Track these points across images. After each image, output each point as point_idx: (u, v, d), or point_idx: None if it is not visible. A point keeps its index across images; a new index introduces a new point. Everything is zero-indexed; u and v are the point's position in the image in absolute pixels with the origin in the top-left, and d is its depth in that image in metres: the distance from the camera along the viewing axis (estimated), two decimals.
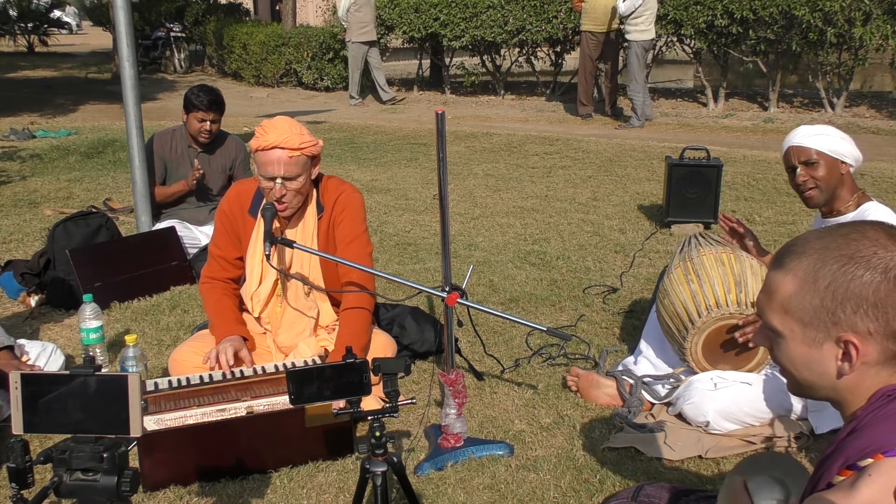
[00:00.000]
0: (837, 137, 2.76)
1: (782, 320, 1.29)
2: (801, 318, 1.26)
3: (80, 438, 1.45)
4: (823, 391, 1.30)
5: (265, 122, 2.81)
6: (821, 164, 2.76)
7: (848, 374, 1.25)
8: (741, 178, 6.56)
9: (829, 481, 1.21)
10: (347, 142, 8.86)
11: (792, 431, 2.70)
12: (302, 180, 2.79)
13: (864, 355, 1.23)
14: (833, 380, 1.27)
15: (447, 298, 2.57)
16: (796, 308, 1.26)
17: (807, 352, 1.28)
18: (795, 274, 1.27)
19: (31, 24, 22.03)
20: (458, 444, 2.62)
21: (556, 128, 9.86)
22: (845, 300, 1.22)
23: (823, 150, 2.74)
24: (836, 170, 2.75)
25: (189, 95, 4.49)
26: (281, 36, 14.38)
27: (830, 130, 2.79)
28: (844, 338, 1.23)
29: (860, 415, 1.25)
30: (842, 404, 1.30)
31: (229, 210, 2.98)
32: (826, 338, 1.25)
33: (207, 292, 3.01)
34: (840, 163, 2.75)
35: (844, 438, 1.24)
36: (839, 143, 2.75)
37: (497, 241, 5.06)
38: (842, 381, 1.26)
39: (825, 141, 2.75)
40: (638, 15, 9.19)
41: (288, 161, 2.73)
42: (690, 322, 2.73)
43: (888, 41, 9.30)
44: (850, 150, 2.76)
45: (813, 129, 2.80)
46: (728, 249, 2.87)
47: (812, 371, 1.28)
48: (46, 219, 5.51)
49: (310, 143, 2.77)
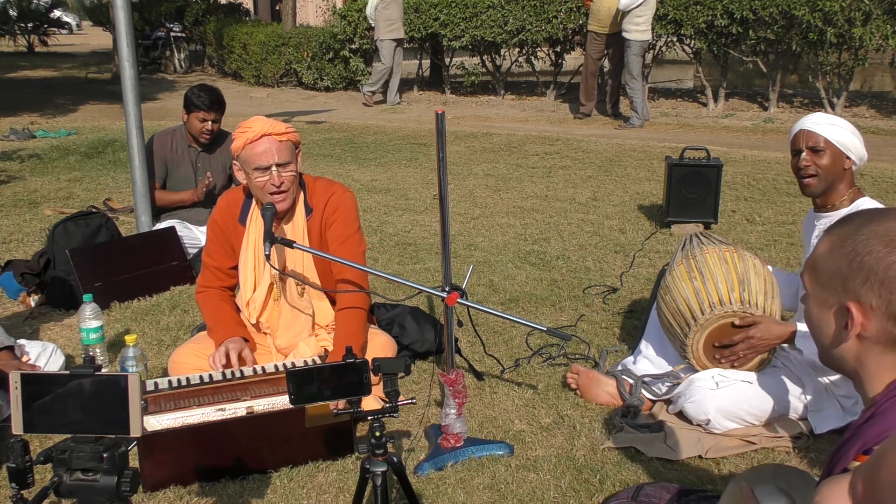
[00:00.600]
0: (849, 132, 2.75)
1: (810, 279, 1.36)
2: (821, 278, 1.32)
3: (80, 438, 1.45)
4: (837, 361, 1.34)
5: (242, 123, 2.84)
6: (826, 153, 2.74)
7: (846, 342, 1.29)
8: (741, 178, 6.56)
9: (846, 466, 1.22)
10: (347, 142, 8.86)
11: (792, 431, 2.70)
12: (293, 168, 2.82)
13: (863, 328, 1.27)
14: (837, 347, 1.32)
15: (447, 298, 2.57)
16: (821, 269, 1.33)
17: (819, 313, 1.34)
18: (831, 237, 1.33)
19: (31, 23, 22.03)
20: (458, 444, 2.62)
21: (556, 128, 9.86)
22: (858, 270, 1.26)
23: (832, 139, 2.73)
24: (839, 162, 2.74)
25: (190, 95, 4.49)
26: (281, 36, 14.38)
27: (844, 123, 2.77)
28: (847, 304, 1.27)
29: (879, 400, 1.27)
30: (858, 383, 1.33)
31: (221, 220, 2.98)
32: (834, 302, 1.30)
33: (204, 300, 3.01)
34: (845, 157, 2.74)
35: (862, 424, 1.26)
36: (849, 138, 2.73)
37: (497, 241, 5.06)
38: (844, 349, 1.30)
39: (836, 132, 2.74)
40: (639, 14, 9.19)
41: (279, 146, 2.77)
42: (693, 319, 2.73)
43: (888, 41, 9.30)
44: (858, 147, 2.75)
45: (828, 118, 2.79)
46: (731, 248, 2.87)
47: (822, 334, 1.34)
48: (46, 219, 5.51)
49: (291, 129, 2.85)
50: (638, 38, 9.33)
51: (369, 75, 12.71)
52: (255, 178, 2.79)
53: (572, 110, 10.93)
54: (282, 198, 2.80)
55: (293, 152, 2.83)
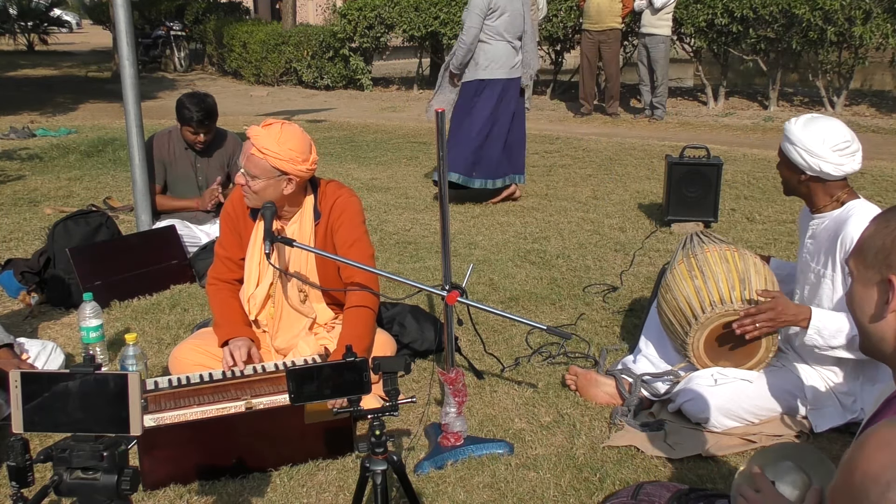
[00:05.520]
0: (798, 149, 2.59)
1: (855, 260, 1.37)
2: (866, 257, 1.35)
3: (80, 437, 1.45)
4: (876, 341, 1.35)
5: (266, 120, 2.83)
6: (783, 164, 2.71)
7: (885, 316, 1.31)
8: (741, 177, 6.56)
9: None
10: (347, 140, 8.86)
11: (791, 430, 2.70)
12: (260, 184, 2.74)
13: None
14: (877, 321, 1.33)
15: (447, 297, 2.57)
16: (866, 248, 1.35)
17: (862, 291, 1.36)
18: (877, 220, 1.36)
19: (31, 22, 22.03)
20: (458, 442, 2.62)
21: (556, 126, 9.87)
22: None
23: (785, 153, 2.67)
24: (795, 175, 2.67)
25: (180, 108, 4.41)
26: (281, 35, 14.39)
27: (803, 137, 2.59)
28: (890, 277, 1.29)
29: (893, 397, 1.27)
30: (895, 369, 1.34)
31: (233, 212, 2.98)
32: (877, 277, 1.32)
33: (214, 294, 3.00)
34: (800, 172, 2.64)
35: (894, 398, 1.28)
36: (796, 155, 2.61)
37: (497, 240, 5.06)
38: (884, 325, 1.32)
39: (788, 148, 2.64)
40: (668, 11, 9.50)
41: (251, 157, 2.73)
42: (694, 317, 2.73)
43: (888, 40, 9.30)
44: (810, 162, 2.58)
45: (793, 129, 2.63)
46: (732, 247, 2.87)
47: (863, 312, 1.36)
48: (46, 217, 5.51)
49: (278, 155, 2.70)
50: (666, 33, 9.61)
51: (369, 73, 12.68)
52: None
53: (572, 109, 10.94)
54: (245, 195, 2.81)
55: (267, 172, 2.72)
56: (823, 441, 2.67)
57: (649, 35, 9.61)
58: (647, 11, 9.51)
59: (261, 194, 2.76)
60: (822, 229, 2.68)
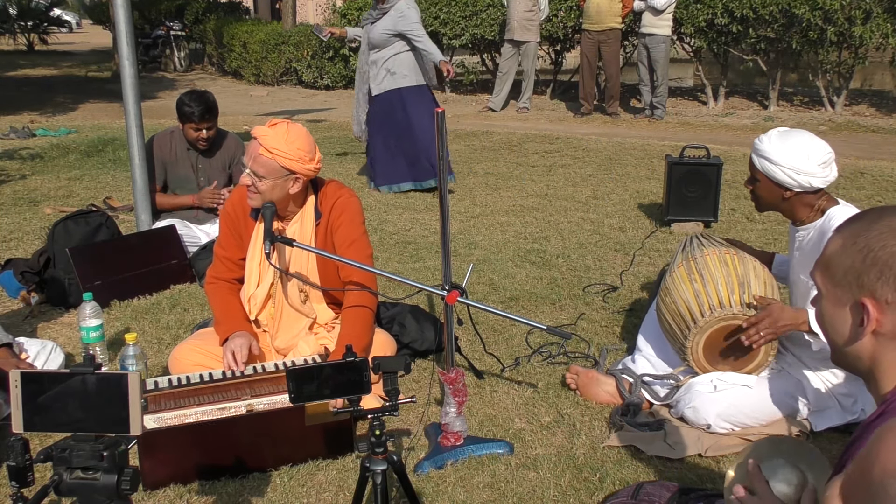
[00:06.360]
0: (786, 167, 2.56)
1: (822, 277, 1.34)
2: (834, 276, 1.31)
3: (80, 437, 1.45)
4: (852, 360, 1.32)
5: (271, 119, 2.82)
6: (760, 185, 2.68)
7: (860, 339, 1.28)
8: (741, 177, 6.55)
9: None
10: (347, 140, 8.85)
11: (792, 429, 2.70)
12: (267, 184, 2.75)
13: (879, 324, 1.25)
14: (852, 345, 1.30)
15: (447, 297, 2.57)
16: (834, 266, 1.31)
17: (833, 311, 1.32)
18: (843, 235, 1.31)
19: (31, 22, 22.02)
20: (458, 442, 2.62)
21: (556, 126, 9.86)
22: (872, 265, 1.25)
23: (765, 173, 2.63)
24: (776, 193, 2.64)
25: (180, 106, 4.40)
26: (281, 34, 14.38)
27: (785, 156, 2.56)
28: (862, 300, 1.26)
29: (890, 398, 1.26)
30: (872, 382, 1.31)
31: (233, 212, 2.98)
32: (849, 299, 1.29)
33: (213, 292, 3.00)
34: (783, 189, 2.61)
35: (873, 421, 1.26)
36: (782, 175, 2.58)
37: (497, 240, 5.06)
38: (859, 347, 1.29)
39: (768, 167, 2.61)
40: (669, 11, 9.53)
41: (258, 157, 2.72)
42: (693, 321, 2.73)
43: (888, 40, 9.30)
44: (800, 180, 2.56)
45: (770, 146, 2.60)
46: (731, 250, 2.86)
47: (837, 333, 1.32)
48: (46, 217, 5.51)
49: (287, 154, 2.71)
50: (666, 33, 9.65)
51: None
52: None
53: (572, 109, 10.93)
54: (249, 195, 2.81)
55: (275, 171, 2.73)
56: (823, 441, 2.67)
57: (649, 35, 9.65)
58: (648, 12, 9.54)
59: (267, 194, 2.77)
60: (808, 241, 2.67)
